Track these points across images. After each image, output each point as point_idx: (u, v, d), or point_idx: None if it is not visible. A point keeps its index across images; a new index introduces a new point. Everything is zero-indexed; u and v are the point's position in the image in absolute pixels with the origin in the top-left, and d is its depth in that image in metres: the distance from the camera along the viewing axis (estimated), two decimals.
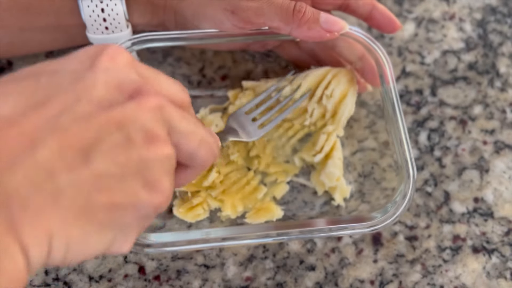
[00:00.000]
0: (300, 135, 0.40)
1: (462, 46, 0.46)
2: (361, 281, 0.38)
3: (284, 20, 0.34)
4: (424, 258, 0.39)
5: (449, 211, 0.40)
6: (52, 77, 0.23)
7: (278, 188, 0.39)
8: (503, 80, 0.45)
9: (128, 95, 0.23)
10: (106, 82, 0.23)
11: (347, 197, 0.39)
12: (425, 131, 0.43)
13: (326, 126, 0.39)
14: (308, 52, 0.42)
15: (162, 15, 0.37)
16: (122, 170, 0.22)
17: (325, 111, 0.39)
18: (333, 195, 0.39)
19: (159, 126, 0.24)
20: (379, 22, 0.40)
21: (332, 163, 0.39)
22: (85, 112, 0.22)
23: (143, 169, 0.23)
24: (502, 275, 0.39)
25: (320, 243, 0.39)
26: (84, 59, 0.24)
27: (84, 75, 0.23)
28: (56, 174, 0.21)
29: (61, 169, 0.21)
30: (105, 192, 0.22)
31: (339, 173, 0.39)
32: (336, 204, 0.39)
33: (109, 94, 0.23)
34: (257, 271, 0.38)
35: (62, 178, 0.21)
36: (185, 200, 0.38)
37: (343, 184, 0.39)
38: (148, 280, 0.37)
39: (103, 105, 0.23)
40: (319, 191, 0.40)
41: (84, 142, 0.22)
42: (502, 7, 0.48)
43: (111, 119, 0.22)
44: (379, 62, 0.37)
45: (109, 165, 0.22)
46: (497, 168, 0.42)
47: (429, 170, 0.42)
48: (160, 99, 0.24)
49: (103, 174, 0.22)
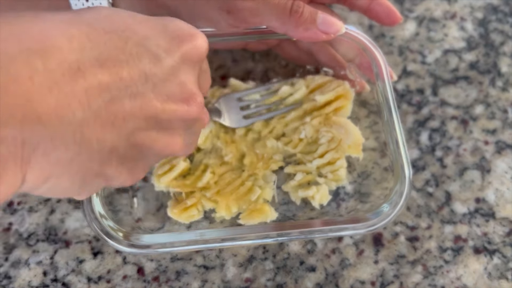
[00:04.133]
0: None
1: (464, 45, 0.46)
2: (362, 282, 0.38)
3: (280, 20, 0.34)
4: (425, 258, 0.39)
5: (450, 212, 0.40)
6: (138, 45, 0.24)
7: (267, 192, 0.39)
8: (504, 79, 0.45)
9: (183, 98, 0.26)
10: (179, 82, 0.26)
11: (324, 204, 0.39)
12: (426, 131, 0.43)
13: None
14: (306, 51, 0.42)
15: (154, 9, 0.37)
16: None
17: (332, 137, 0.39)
18: (312, 201, 0.39)
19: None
20: (378, 14, 0.39)
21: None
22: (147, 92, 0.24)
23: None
24: (504, 275, 0.38)
25: (320, 244, 0.39)
26: (172, 39, 0.26)
27: (166, 63, 0.25)
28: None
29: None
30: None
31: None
32: (316, 204, 0.39)
33: (176, 90, 0.26)
34: (257, 272, 0.38)
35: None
36: (179, 200, 0.38)
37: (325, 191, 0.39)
38: (147, 281, 0.37)
39: (169, 98, 0.25)
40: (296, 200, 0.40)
41: (152, 110, 0.25)
42: (504, 6, 0.48)
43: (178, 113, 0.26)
44: (375, 62, 0.37)
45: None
46: (498, 168, 0.42)
47: (430, 170, 0.41)
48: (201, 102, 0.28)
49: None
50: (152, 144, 0.26)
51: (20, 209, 0.39)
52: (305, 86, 0.40)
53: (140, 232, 0.35)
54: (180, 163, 0.38)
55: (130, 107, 0.24)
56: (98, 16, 0.24)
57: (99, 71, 0.22)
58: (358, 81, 0.41)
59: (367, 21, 0.46)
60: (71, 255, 0.38)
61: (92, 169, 0.24)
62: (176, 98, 0.26)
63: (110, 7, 0.26)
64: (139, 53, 0.24)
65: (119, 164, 0.25)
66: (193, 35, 0.27)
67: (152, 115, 0.25)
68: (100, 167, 0.24)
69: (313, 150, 0.39)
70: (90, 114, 0.22)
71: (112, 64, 0.23)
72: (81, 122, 0.22)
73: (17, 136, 0.20)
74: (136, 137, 0.25)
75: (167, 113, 0.25)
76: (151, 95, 0.25)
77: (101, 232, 0.34)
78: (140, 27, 0.25)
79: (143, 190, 0.39)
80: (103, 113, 0.23)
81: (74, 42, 0.22)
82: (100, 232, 0.34)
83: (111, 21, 0.24)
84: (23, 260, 0.38)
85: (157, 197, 0.39)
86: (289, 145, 0.40)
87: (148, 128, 0.25)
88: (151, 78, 0.24)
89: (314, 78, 0.41)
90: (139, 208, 0.39)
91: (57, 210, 0.39)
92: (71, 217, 0.39)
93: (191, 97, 0.27)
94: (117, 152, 0.24)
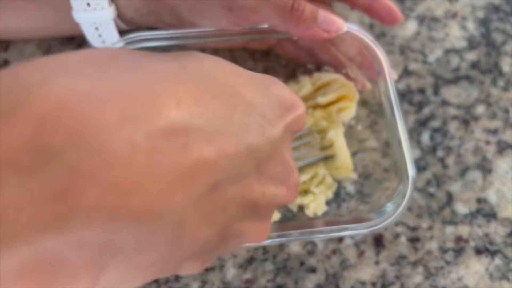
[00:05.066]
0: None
1: (465, 45, 0.46)
2: (363, 283, 0.38)
3: (281, 18, 0.34)
4: (426, 259, 0.38)
5: (452, 212, 0.40)
6: (246, 114, 0.20)
7: None
8: (506, 79, 0.45)
9: (284, 180, 0.23)
10: (282, 159, 0.22)
11: (318, 214, 0.39)
12: (427, 131, 0.42)
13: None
14: (307, 50, 0.42)
15: (154, 6, 0.36)
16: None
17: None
18: (306, 209, 0.39)
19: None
20: (379, 13, 0.39)
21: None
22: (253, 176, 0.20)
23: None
24: (505, 276, 0.38)
25: (320, 245, 0.39)
26: (276, 108, 0.22)
27: (271, 136, 0.21)
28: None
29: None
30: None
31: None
32: (309, 213, 0.39)
33: (279, 170, 0.22)
34: (257, 273, 0.38)
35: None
36: None
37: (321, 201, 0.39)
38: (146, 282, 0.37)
39: (271, 180, 0.22)
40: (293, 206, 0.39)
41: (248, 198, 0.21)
42: (505, 6, 0.47)
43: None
44: (377, 61, 0.37)
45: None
46: (500, 168, 0.41)
47: (432, 170, 0.41)
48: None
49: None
50: (242, 235, 0.22)
51: None
52: (311, 83, 0.40)
53: None
54: None
55: (232, 193, 0.19)
56: (201, 69, 0.21)
57: (207, 146, 0.18)
58: (359, 80, 0.41)
59: (367, 20, 0.46)
60: None
61: (169, 267, 0.20)
62: (278, 179, 0.22)
63: (206, 55, 0.22)
64: (246, 124, 0.20)
65: (197, 257, 0.21)
66: (296, 105, 0.24)
67: (252, 203, 0.21)
68: (178, 264, 0.20)
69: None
70: (191, 205, 0.18)
71: (220, 138, 0.19)
72: (181, 217, 0.17)
73: (102, 240, 0.16)
74: (230, 229, 0.21)
75: (266, 200, 0.22)
76: (254, 177, 0.21)
77: None
78: (246, 91, 0.21)
79: None
80: (205, 201, 0.18)
81: (182, 108, 0.18)
82: None
83: (217, 80, 0.21)
84: None
85: None
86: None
87: (244, 217, 0.21)
88: (256, 155, 0.20)
89: (321, 76, 0.40)
90: None
91: None
92: None
93: (292, 178, 0.23)
94: (205, 248, 0.20)
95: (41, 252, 0.15)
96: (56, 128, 0.15)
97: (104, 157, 0.15)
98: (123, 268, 0.17)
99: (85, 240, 0.15)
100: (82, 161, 0.15)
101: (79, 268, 0.16)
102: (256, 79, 0.23)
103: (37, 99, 0.15)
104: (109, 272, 0.17)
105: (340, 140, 0.39)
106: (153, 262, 0.18)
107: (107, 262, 0.17)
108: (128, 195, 0.16)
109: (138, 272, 0.18)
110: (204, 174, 0.18)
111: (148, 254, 0.17)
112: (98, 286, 0.17)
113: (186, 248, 0.19)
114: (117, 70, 0.18)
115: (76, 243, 0.15)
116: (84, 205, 0.15)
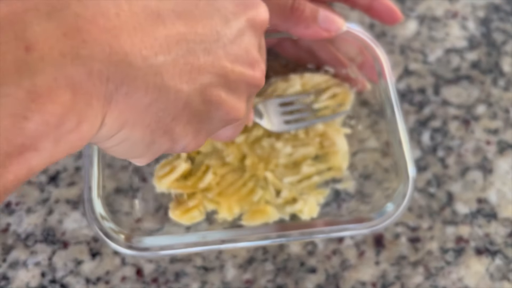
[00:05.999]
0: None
1: (465, 44, 0.46)
2: (363, 284, 0.37)
3: (281, 18, 0.34)
4: (427, 260, 0.38)
5: (452, 212, 0.40)
6: (209, 4, 0.24)
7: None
8: (506, 79, 0.45)
9: (249, 63, 0.26)
10: (245, 46, 0.26)
11: (314, 216, 0.39)
12: (427, 131, 0.42)
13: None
14: (307, 50, 0.42)
15: None
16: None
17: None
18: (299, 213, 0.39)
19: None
20: (379, 13, 0.39)
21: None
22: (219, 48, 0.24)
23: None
24: (506, 277, 0.38)
25: (321, 245, 0.38)
26: (238, 3, 0.26)
27: (234, 25, 0.25)
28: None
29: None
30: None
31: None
32: (299, 216, 0.39)
33: (243, 54, 0.26)
34: (257, 274, 0.38)
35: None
36: (181, 202, 0.38)
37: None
38: (146, 282, 0.37)
39: (236, 60, 0.25)
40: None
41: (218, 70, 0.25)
42: (506, 5, 0.47)
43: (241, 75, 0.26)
44: (377, 60, 0.37)
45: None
46: (500, 168, 0.41)
47: (432, 170, 0.41)
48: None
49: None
50: (221, 104, 0.25)
51: (18, 210, 0.39)
52: (300, 84, 0.40)
53: (140, 234, 0.34)
54: (181, 164, 0.38)
55: (204, 61, 0.24)
56: None
57: (177, 21, 0.23)
58: (359, 80, 0.41)
59: (368, 20, 0.46)
60: (69, 256, 0.38)
61: (163, 123, 0.24)
62: (243, 61, 0.26)
63: None
64: (210, 11, 0.24)
65: (187, 123, 0.25)
66: (256, 3, 0.27)
67: (222, 73, 0.25)
68: (171, 122, 0.24)
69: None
70: (170, 60, 0.22)
71: (187, 17, 0.23)
72: (162, 66, 0.22)
73: (103, 71, 0.20)
74: (208, 92, 0.24)
75: (235, 74, 0.25)
76: (222, 54, 0.25)
77: (102, 235, 0.33)
78: None
79: (142, 191, 0.39)
80: (181, 61, 0.23)
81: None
82: (102, 235, 0.33)
83: None
84: (21, 261, 0.37)
85: (156, 198, 0.39)
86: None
87: (219, 86, 0.25)
88: (221, 38, 0.25)
89: (313, 76, 0.40)
90: (139, 209, 0.38)
91: (56, 211, 0.39)
92: (70, 218, 0.39)
93: (256, 63, 0.27)
94: (189, 107, 0.24)
95: (64, 75, 0.19)
96: None
97: (100, 10, 0.20)
98: (124, 104, 0.21)
99: (93, 69, 0.19)
100: (85, 11, 0.20)
101: (92, 95, 0.20)
102: None
103: None
104: (113, 109, 0.21)
105: (341, 141, 0.39)
106: (148, 105, 0.22)
107: (111, 95, 0.21)
108: (120, 40, 0.20)
109: (138, 116, 0.22)
110: (178, 41, 0.22)
111: (142, 94, 0.21)
112: (108, 123, 0.21)
113: (173, 98, 0.23)
114: None
115: (88, 72, 0.19)
116: (89, 41, 0.19)
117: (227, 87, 0.25)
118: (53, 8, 0.19)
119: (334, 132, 0.39)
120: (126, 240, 0.33)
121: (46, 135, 0.19)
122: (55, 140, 0.19)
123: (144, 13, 0.21)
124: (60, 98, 0.19)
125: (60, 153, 0.20)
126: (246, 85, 0.27)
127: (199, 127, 0.26)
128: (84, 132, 0.20)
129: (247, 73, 0.26)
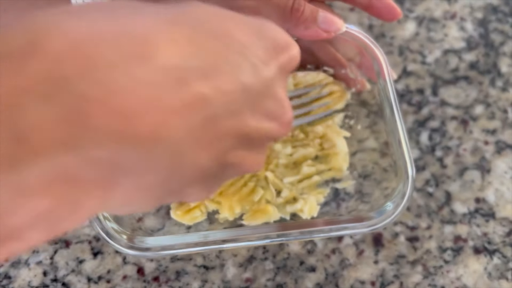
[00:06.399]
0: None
1: (463, 45, 0.46)
2: (362, 282, 0.38)
3: (281, 19, 0.34)
4: (425, 259, 0.39)
5: (450, 212, 0.40)
6: (239, 54, 0.22)
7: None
8: (504, 80, 0.45)
9: (277, 116, 0.24)
10: (275, 97, 0.24)
11: (314, 215, 0.39)
12: (426, 131, 0.43)
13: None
14: (306, 50, 0.42)
15: None
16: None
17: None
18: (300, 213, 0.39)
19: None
20: (379, 10, 0.39)
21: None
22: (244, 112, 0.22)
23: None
24: (504, 276, 0.38)
25: (320, 244, 0.39)
26: (270, 49, 0.24)
27: (264, 75, 0.23)
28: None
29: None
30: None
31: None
32: (301, 215, 0.39)
33: (272, 107, 0.24)
34: (257, 272, 0.38)
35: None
36: (182, 202, 0.38)
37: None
38: (147, 281, 0.37)
39: (264, 116, 0.23)
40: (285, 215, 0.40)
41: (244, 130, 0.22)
42: (504, 6, 0.48)
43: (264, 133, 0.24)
44: (376, 61, 0.37)
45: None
46: (498, 168, 0.42)
47: (430, 170, 0.41)
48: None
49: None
50: (240, 164, 0.23)
51: None
52: (292, 84, 0.40)
53: (141, 234, 0.35)
54: None
55: (227, 127, 0.21)
56: (197, 14, 0.22)
57: (203, 83, 0.20)
58: (359, 80, 0.41)
59: (367, 21, 0.46)
60: (71, 255, 0.38)
61: (173, 191, 0.22)
62: (271, 116, 0.24)
63: (203, 2, 0.24)
64: (240, 63, 0.22)
65: (200, 185, 0.23)
66: (289, 45, 0.26)
67: (245, 133, 0.22)
68: (182, 189, 0.22)
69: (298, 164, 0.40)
70: (189, 133, 0.19)
71: (215, 75, 0.20)
72: (180, 143, 0.19)
73: (110, 159, 0.18)
74: (227, 157, 0.22)
75: (260, 133, 0.23)
76: (248, 113, 0.22)
77: (104, 235, 0.33)
78: (240, 33, 0.23)
79: None
80: (202, 132, 0.20)
81: (178, 48, 0.20)
82: (104, 235, 0.33)
83: (212, 24, 0.22)
84: (23, 260, 0.38)
85: None
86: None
87: (239, 148, 0.23)
88: (250, 93, 0.22)
89: (306, 76, 0.40)
90: None
91: None
92: None
93: (285, 114, 0.25)
94: (205, 173, 0.22)
95: (58, 167, 0.17)
96: (70, 63, 0.17)
97: (109, 87, 0.17)
98: (130, 188, 0.19)
99: (95, 158, 0.17)
100: (91, 90, 0.17)
101: (91, 184, 0.18)
102: (248, 22, 0.25)
103: (53, 38, 0.17)
104: (117, 191, 0.19)
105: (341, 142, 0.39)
106: (156, 185, 0.20)
107: (115, 181, 0.19)
108: (131, 120, 0.18)
109: (144, 194, 0.20)
110: (201, 108, 0.20)
111: (152, 176, 0.19)
112: (108, 204, 0.19)
113: (188, 173, 0.21)
114: (121, 15, 0.20)
115: (88, 160, 0.17)
116: (93, 126, 0.17)
117: (249, 146, 0.23)
118: (55, 87, 0.17)
119: (334, 134, 0.40)
120: (128, 240, 0.33)
121: (33, 226, 0.18)
122: (44, 229, 0.18)
123: (164, 79, 0.19)
124: (51, 190, 0.17)
125: (50, 237, 0.19)
126: (269, 140, 0.25)
127: (213, 183, 0.24)
128: (79, 219, 0.19)
129: (273, 128, 0.24)
